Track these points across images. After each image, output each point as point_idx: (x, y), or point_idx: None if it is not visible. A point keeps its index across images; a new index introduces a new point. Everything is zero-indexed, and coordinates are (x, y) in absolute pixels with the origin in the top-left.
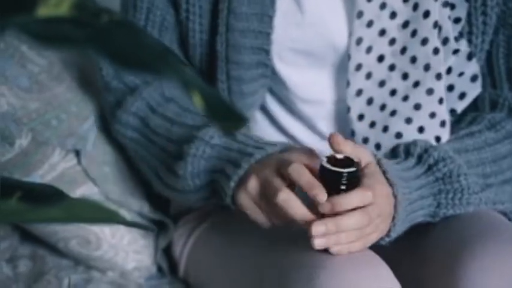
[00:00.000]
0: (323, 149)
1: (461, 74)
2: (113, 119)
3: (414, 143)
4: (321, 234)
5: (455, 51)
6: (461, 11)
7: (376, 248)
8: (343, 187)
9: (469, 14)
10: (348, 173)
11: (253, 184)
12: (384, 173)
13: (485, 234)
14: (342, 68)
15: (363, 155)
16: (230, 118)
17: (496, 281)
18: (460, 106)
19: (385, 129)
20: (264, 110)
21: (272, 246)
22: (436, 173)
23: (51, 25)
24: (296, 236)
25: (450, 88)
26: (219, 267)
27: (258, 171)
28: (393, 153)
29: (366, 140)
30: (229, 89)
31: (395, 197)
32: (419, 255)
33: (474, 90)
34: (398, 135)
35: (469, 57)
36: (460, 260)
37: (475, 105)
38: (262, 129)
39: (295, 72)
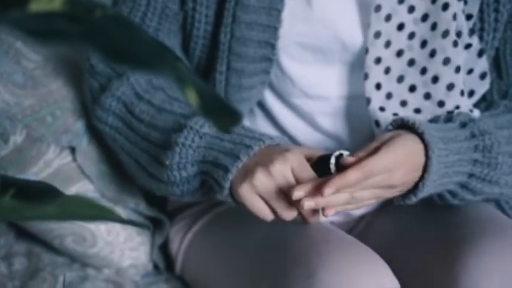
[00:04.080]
0: (322, 144)
1: (470, 71)
2: (95, 105)
3: (457, 113)
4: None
5: (468, 46)
6: (473, 8)
7: (376, 245)
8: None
9: (481, 11)
10: (336, 156)
11: (261, 177)
12: (421, 134)
13: (486, 231)
14: (349, 64)
15: None
16: (225, 115)
17: (497, 279)
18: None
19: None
20: (262, 106)
21: (270, 243)
22: (478, 142)
23: (44, 20)
24: (294, 232)
25: None
26: (215, 265)
27: (263, 163)
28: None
29: None
30: (227, 81)
31: (429, 157)
32: (420, 253)
33: (482, 88)
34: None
35: (480, 54)
36: (461, 258)
37: (483, 96)
38: (259, 125)
39: (302, 67)
